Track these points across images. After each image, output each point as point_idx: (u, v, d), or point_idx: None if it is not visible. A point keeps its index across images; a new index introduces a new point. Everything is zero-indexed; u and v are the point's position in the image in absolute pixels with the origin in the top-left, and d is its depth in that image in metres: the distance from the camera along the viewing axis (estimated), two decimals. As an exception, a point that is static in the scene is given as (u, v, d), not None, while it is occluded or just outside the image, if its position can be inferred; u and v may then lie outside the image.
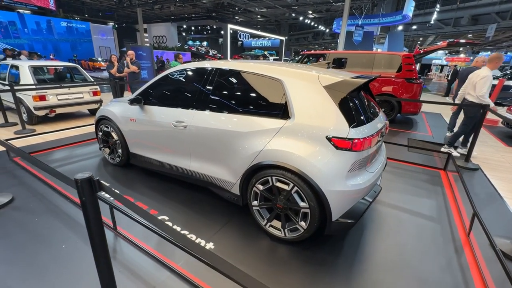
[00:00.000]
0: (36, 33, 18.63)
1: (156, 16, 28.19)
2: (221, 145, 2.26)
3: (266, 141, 1.99)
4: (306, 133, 1.86)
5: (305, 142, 1.86)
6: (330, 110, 1.83)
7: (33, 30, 18.47)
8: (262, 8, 25.11)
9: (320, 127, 1.83)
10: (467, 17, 21.35)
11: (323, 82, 1.91)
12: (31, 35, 18.32)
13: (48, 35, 19.25)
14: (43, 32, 19.00)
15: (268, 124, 2.02)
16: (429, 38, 32.56)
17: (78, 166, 3.43)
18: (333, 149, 1.79)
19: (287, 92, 1.99)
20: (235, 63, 2.39)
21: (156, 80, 2.85)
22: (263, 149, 1.99)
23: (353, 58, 6.74)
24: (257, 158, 2.02)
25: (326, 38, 33.71)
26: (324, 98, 1.86)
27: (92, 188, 1.04)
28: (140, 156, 3.05)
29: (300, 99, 1.93)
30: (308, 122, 1.87)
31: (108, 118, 3.22)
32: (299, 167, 1.83)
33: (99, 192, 1.11)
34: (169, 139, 2.65)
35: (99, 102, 6.07)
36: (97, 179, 1.09)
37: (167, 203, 2.62)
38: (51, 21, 19.18)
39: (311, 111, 1.88)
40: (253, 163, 2.05)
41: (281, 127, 1.95)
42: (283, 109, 2.00)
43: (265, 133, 2.01)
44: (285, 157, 1.88)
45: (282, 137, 1.94)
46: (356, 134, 1.78)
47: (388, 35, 22.44)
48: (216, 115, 2.30)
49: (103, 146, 3.47)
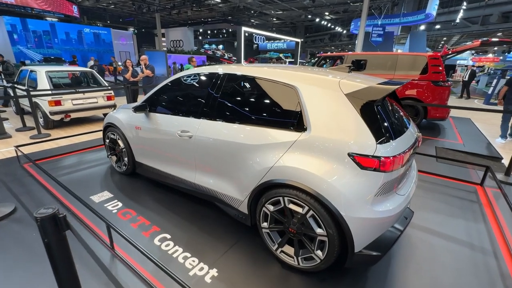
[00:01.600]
0: (65, 42, 19.44)
1: (174, 20, 28.79)
2: (228, 158, 2.05)
3: (278, 156, 1.75)
4: (324, 148, 1.60)
5: (322, 159, 1.60)
6: (353, 122, 1.56)
7: (62, 39, 19.29)
8: (278, 11, 24.93)
9: (340, 142, 1.56)
10: (497, 14, 20.05)
11: (345, 89, 1.64)
12: (61, 45, 19.12)
13: (76, 43, 20.10)
14: (71, 39, 19.83)
15: (280, 136, 1.78)
16: (453, 38, 30.94)
17: (85, 174, 3.34)
18: (356, 169, 1.52)
19: (302, 100, 1.74)
20: (245, 67, 2.17)
21: (161, 86, 2.68)
22: (274, 165, 1.74)
23: (374, 59, 6.34)
24: (268, 175, 1.78)
25: (343, 40, 32.99)
26: (346, 108, 1.59)
27: (58, 227, 0.84)
28: (145, 166, 2.90)
29: (317, 109, 1.67)
30: (327, 135, 1.61)
31: (114, 125, 3.10)
32: (316, 188, 1.57)
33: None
34: (174, 149, 2.47)
35: (113, 106, 6.08)
36: (63, 216, 0.89)
37: (171, 219, 2.43)
38: (75, 28, 20.03)
39: (330, 123, 1.62)
40: (263, 180, 1.81)
41: (295, 140, 1.70)
42: (297, 119, 1.75)
43: (277, 146, 1.77)
44: (299, 176, 1.63)
45: (296, 152, 1.69)
46: (384, 151, 1.50)
47: (409, 35, 21.49)
48: (224, 125, 2.08)
49: (110, 153, 3.37)
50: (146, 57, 6.21)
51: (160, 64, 7.09)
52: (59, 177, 3.17)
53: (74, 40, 19.89)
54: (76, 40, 20.00)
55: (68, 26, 19.28)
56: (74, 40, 19.88)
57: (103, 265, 1.86)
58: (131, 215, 2.46)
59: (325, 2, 20.43)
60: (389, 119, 1.70)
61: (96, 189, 2.95)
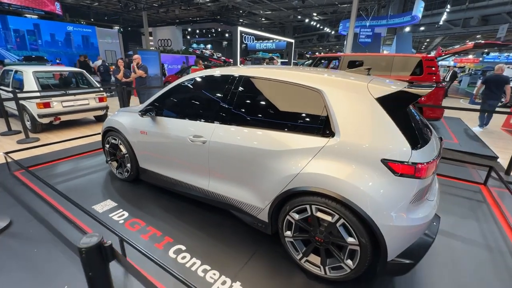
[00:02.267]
0: (49, 43, 18.36)
1: (161, 19, 28.17)
2: (247, 165, 1.96)
3: (304, 162, 1.68)
4: (355, 154, 1.55)
5: (353, 165, 1.54)
6: (385, 127, 1.52)
7: (47, 40, 18.22)
8: (267, 11, 24.94)
9: (373, 148, 1.51)
10: (477, 17, 20.89)
11: (375, 92, 1.60)
12: (45, 46, 18.04)
13: (62, 45, 19.11)
14: (56, 40, 18.82)
15: (306, 142, 1.71)
16: (436, 39, 32.02)
17: (83, 182, 3.15)
18: (390, 175, 1.47)
19: (329, 104, 1.68)
20: (264, 70, 2.09)
21: (169, 88, 2.56)
22: (300, 172, 1.67)
23: (370, 60, 6.41)
24: (293, 183, 1.71)
25: (331, 40, 33.43)
26: (378, 113, 1.55)
27: (103, 258, 0.73)
28: (151, 172, 2.76)
29: (346, 114, 1.62)
30: (358, 141, 1.55)
31: (116, 129, 2.94)
32: (347, 196, 1.51)
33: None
34: (185, 155, 2.35)
35: (105, 108, 5.84)
36: (110, 245, 0.78)
37: (182, 228, 2.32)
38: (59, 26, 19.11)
39: (361, 128, 1.56)
40: (287, 188, 1.74)
41: (323, 146, 1.64)
42: (324, 125, 1.69)
43: (303, 153, 1.70)
44: (329, 183, 1.57)
45: (324, 159, 1.63)
46: (419, 157, 1.46)
47: (396, 37, 22.06)
48: (242, 130, 1.99)
49: (110, 159, 3.19)
50: (139, 56, 6.00)
51: (152, 65, 6.86)
52: (55, 185, 2.96)
53: (59, 40, 18.96)
54: (60, 39, 19.08)
55: (52, 25, 18.39)
56: (58, 39, 18.95)
57: (118, 282, 1.73)
58: (140, 226, 2.32)
59: (313, 3, 20.63)
60: (417, 123, 1.67)
61: (97, 197, 2.78)
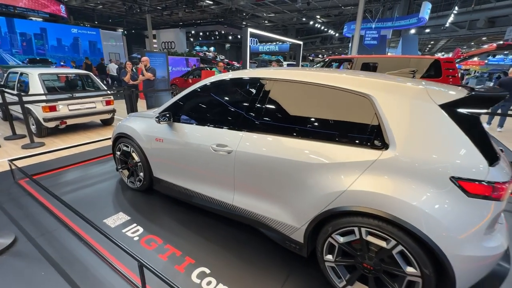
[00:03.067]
0: (54, 48, 18.21)
1: (165, 22, 28.19)
2: (280, 179, 1.74)
3: (351, 178, 1.46)
4: (416, 170, 1.33)
5: (415, 183, 1.33)
6: (455, 139, 1.30)
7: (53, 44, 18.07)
8: (270, 13, 24.89)
9: (440, 163, 1.29)
10: (483, 19, 20.66)
11: (438, 98, 1.38)
12: (50, 51, 17.88)
13: (67, 48, 18.99)
14: (62, 43, 18.70)
15: (353, 155, 1.50)
16: (440, 42, 31.80)
17: (92, 192, 2.94)
18: (462, 196, 1.25)
19: (380, 112, 1.46)
20: (300, 72, 1.87)
21: (189, 92, 2.35)
22: (348, 190, 1.46)
23: (385, 62, 6.21)
24: (337, 201, 1.49)
25: (334, 43, 33.33)
26: (444, 122, 1.33)
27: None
28: (166, 183, 2.55)
29: (403, 123, 1.40)
30: (419, 155, 1.34)
31: (128, 135, 2.74)
32: (409, 220, 1.29)
33: None
34: (206, 166, 2.14)
35: (113, 111, 5.66)
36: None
37: (204, 247, 2.10)
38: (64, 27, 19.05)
39: (424, 140, 1.35)
40: (331, 207, 1.52)
41: (375, 160, 1.42)
42: (375, 135, 1.47)
43: (349, 167, 1.49)
44: (385, 204, 1.35)
45: (377, 174, 1.41)
46: (498, 175, 1.24)
47: (401, 39, 21.87)
48: (275, 139, 1.78)
49: (121, 167, 2.99)
50: (147, 59, 5.82)
51: (159, 67, 6.69)
52: (62, 195, 2.77)
53: (64, 43, 18.87)
54: (65, 42, 19.00)
55: (57, 28, 18.32)
56: (64, 43, 18.86)
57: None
58: (157, 244, 2.11)
59: (317, 5, 20.54)
60: (487, 135, 1.45)
61: (108, 210, 2.57)
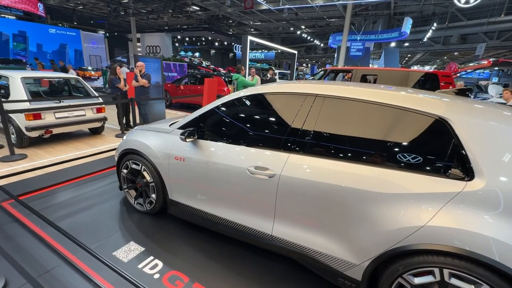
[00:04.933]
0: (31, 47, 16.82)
1: (149, 26, 27.55)
2: (337, 209, 1.54)
3: (430, 212, 1.29)
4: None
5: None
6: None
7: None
8: (256, 22, 25.15)
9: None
10: (456, 36, 22.12)
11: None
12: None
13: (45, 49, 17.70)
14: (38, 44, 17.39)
15: (430, 184, 1.33)
16: (417, 55, 33.70)
17: (93, 215, 2.56)
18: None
19: (461, 137, 1.32)
20: (359, 89, 1.69)
21: (219, 105, 2.10)
22: (426, 226, 1.28)
23: (384, 75, 6.29)
24: (412, 238, 1.31)
25: (318, 52, 34.26)
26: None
27: None
28: (186, 207, 2.26)
29: (491, 151, 1.26)
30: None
31: (138, 152, 2.42)
32: (507, 263, 1.13)
33: None
34: (240, 190, 1.89)
35: (103, 120, 5.20)
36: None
37: (236, 282, 1.83)
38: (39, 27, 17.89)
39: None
40: (403, 244, 1.34)
41: (459, 192, 1.26)
42: (455, 163, 1.32)
43: (428, 199, 1.32)
44: (475, 243, 1.19)
45: (462, 209, 1.25)
46: None
47: (384, 51, 22.87)
48: (329, 163, 1.58)
49: (128, 187, 2.65)
50: (143, 64, 5.45)
51: (152, 74, 6.31)
52: (58, 221, 2.38)
53: (41, 44, 17.64)
54: (43, 43, 17.77)
55: (33, 27, 17.14)
56: (41, 43, 17.63)
57: None
58: (183, 283, 1.81)
59: (303, 16, 21.00)
60: None
61: (116, 239, 2.22)
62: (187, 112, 8.78)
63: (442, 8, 19.40)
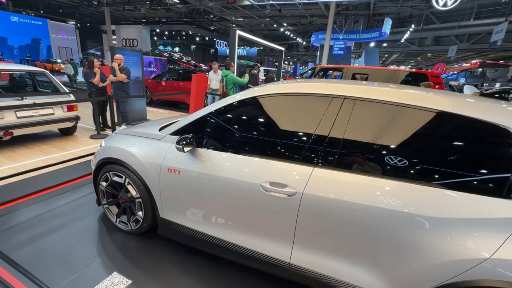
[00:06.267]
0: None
1: (124, 17, 26.04)
2: (375, 236, 1.29)
3: (494, 242, 1.08)
4: None
5: None
6: None
7: None
8: (239, 17, 24.67)
9: None
10: (430, 38, 23.16)
11: None
12: None
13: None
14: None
15: (491, 208, 1.11)
16: (393, 55, 35.01)
17: (65, 238, 2.12)
18: None
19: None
20: (399, 92, 1.45)
21: (222, 107, 1.76)
22: (491, 258, 1.06)
23: (375, 74, 6.22)
24: (471, 273, 1.09)
25: (300, 50, 34.49)
26: None
27: None
28: (181, 227, 1.90)
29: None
30: None
31: (121, 162, 2.02)
32: None
33: None
34: (251, 210, 1.58)
35: (75, 119, 4.62)
36: None
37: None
38: None
39: None
40: (460, 279, 1.11)
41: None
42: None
43: (490, 225, 1.10)
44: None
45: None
46: None
47: (364, 51, 23.43)
48: (363, 179, 1.32)
49: (108, 202, 2.23)
50: (121, 57, 4.92)
51: (132, 68, 5.76)
52: (17, 249, 1.92)
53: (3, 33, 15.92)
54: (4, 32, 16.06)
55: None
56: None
57: None
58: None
59: (286, 13, 20.89)
60: None
61: (95, 269, 1.82)
62: (170, 110, 8.23)
63: (417, 11, 20.13)
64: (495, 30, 14.34)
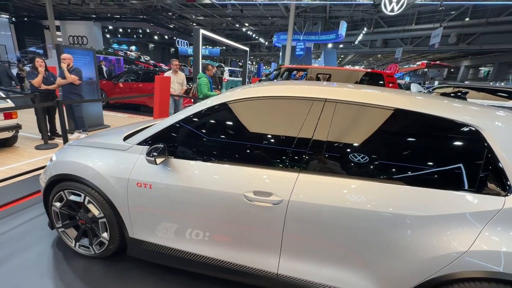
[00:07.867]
0: None
1: (71, 12, 23.61)
2: (362, 238, 1.29)
3: (472, 234, 1.14)
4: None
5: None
6: None
7: None
8: (199, 16, 24.08)
9: None
10: (380, 40, 25.22)
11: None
12: None
13: None
14: None
15: (464, 203, 1.18)
16: (348, 56, 37.40)
17: (10, 274, 1.78)
18: None
19: (494, 148, 1.19)
20: (383, 94, 1.45)
21: (198, 111, 1.62)
22: (469, 251, 1.13)
23: (337, 74, 6.52)
24: (454, 266, 1.14)
25: (262, 51, 34.96)
26: None
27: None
28: (155, 246, 1.72)
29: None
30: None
31: (78, 178, 1.76)
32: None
33: None
34: (234, 222, 1.48)
35: (16, 128, 4.01)
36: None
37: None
38: None
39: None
40: (441, 273, 1.16)
41: (500, 209, 1.14)
42: (489, 177, 1.19)
43: (463, 220, 1.16)
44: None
45: (502, 228, 1.13)
46: None
47: (323, 51, 24.60)
48: (348, 183, 1.31)
49: (64, 225, 1.94)
50: (70, 57, 4.39)
51: (84, 68, 5.20)
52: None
53: None
54: None
55: None
56: None
57: None
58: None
59: (247, 13, 20.97)
60: None
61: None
62: (131, 114, 7.63)
63: (368, 15, 21.73)
64: (432, 34, 16.09)
